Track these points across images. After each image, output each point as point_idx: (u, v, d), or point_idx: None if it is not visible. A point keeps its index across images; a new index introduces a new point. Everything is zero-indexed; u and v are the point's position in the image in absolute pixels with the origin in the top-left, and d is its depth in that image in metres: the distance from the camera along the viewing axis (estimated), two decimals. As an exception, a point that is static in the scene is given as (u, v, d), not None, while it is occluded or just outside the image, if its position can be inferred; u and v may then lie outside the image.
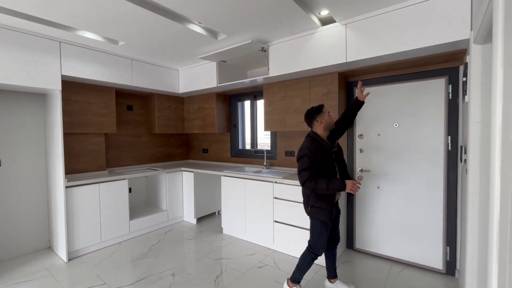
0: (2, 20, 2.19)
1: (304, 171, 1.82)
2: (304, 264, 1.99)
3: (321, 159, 1.85)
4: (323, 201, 1.88)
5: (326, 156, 1.88)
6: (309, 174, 1.81)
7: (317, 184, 1.78)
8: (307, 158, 1.83)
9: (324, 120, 1.93)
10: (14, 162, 2.78)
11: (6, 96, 2.72)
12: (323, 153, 1.87)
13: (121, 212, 3.13)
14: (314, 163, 1.83)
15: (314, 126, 1.98)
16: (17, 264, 2.61)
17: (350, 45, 2.27)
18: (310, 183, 1.79)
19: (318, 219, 1.91)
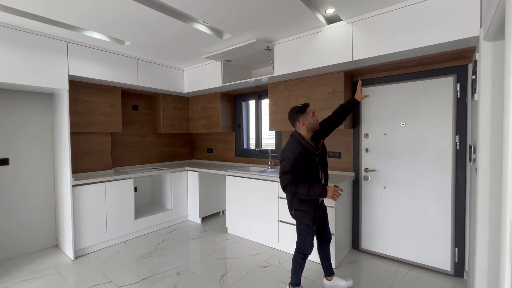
0: (11, 21, 2.22)
1: (285, 174, 1.78)
2: (297, 266, 1.98)
3: (303, 162, 1.79)
4: (306, 205, 1.85)
5: (308, 159, 1.81)
6: (290, 179, 1.76)
7: (298, 189, 1.74)
8: (289, 161, 1.78)
9: (307, 121, 1.85)
10: (22, 161, 2.82)
11: (14, 95, 2.76)
12: (306, 156, 1.80)
13: (127, 211, 3.15)
14: (296, 166, 1.78)
15: (296, 127, 1.90)
16: (25, 262, 2.65)
17: (356, 44, 2.25)
18: (291, 188, 1.75)
19: (303, 222, 1.89)
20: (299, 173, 1.79)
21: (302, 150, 1.80)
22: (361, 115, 2.79)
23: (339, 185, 2.46)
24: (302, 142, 1.83)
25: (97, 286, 2.22)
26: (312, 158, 1.83)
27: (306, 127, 1.86)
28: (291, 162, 1.77)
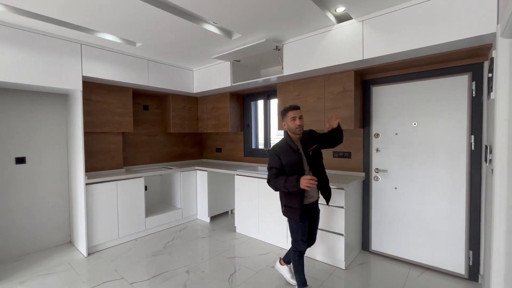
0: (27, 23, 2.29)
1: (270, 169, 1.93)
2: (296, 265, 2.01)
3: (284, 159, 1.89)
4: (292, 201, 1.91)
5: (290, 157, 1.90)
6: (272, 173, 1.90)
7: (277, 182, 1.85)
8: (273, 157, 1.92)
9: (286, 124, 1.96)
10: (39, 160, 2.91)
11: (31, 96, 2.85)
12: (288, 154, 1.90)
13: (138, 209, 3.21)
14: (279, 162, 1.90)
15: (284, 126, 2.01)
16: (40, 258, 2.73)
17: (367, 42, 2.22)
18: (272, 181, 1.89)
19: (292, 219, 1.96)
20: (282, 168, 1.90)
21: (285, 149, 1.93)
22: (371, 114, 2.76)
23: (349, 185, 2.43)
24: (288, 141, 1.96)
25: (109, 282, 2.27)
26: (294, 156, 1.91)
27: (286, 128, 1.98)
28: (275, 158, 1.92)
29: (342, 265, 2.46)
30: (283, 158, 1.90)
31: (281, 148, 1.93)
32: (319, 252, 2.59)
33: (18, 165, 2.78)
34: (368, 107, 2.76)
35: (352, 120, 2.57)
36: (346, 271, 2.41)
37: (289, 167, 1.88)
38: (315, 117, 2.84)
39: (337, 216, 2.44)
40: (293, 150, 1.92)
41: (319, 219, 2.17)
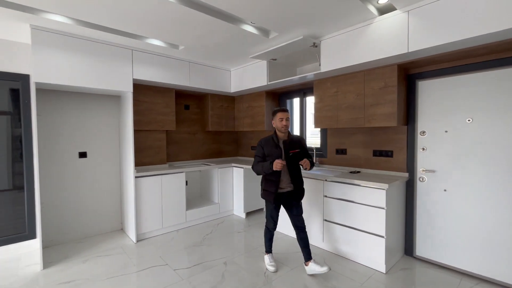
0: (86, 33, 2.59)
1: (254, 157, 2.36)
2: (265, 236, 2.49)
3: (267, 150, 2.30)
4: (268, 185, 2.30)
5: (272, 150, 2.29)
6: (256, 160, 2.33)
7: (257, 166, 2.28)
8: (257, 148, 2.36)
9: (274, 123, 2.33)
10: (97, 155, 3.28)
11: (90, 98, 3.22)
12: (270, 147, 2.30)
13: (179, 202, 3.43)
14: (262, 152, 2.31)
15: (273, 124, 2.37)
16: (98, 241, 3.08)
17: (413, 34, 2.08)
18: (255, 166, 2.33)
19: (267, 200, 2.35)
20: (264, 158, 2.31)
21: (270, 142, 2.32)
22: (417, 110, 2.58)
23: (391, 186, 2.32)
24: (273, 136, 2.34)
25: (156, 267, 2.47)
26: (275, 149, 2.29)
27: (275, 126, 2.34)
28: (259, 148, 2.34)
29: (382, 269, 2.35)
30: (266, 149, 2.30)
31: (266, 141, 2.33)
32: (357, 253, 2.51)
33: (81, 159, 3.17)
34: (413, 103, 2.59)
35: (394, 117, 2.44)
36: (387, 276, 2.30)
37: (270, 158, 2.27)
38: (354, 114, 2.75)
39: (377, 217, 2.34)
40: (275, 144, 2.30)
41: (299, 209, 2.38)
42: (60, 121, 3.03)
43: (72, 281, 2.25)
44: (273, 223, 2.40)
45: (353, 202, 2.52)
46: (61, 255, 2.73)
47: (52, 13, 2.22)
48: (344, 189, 2.58)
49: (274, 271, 2.37)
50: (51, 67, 2.46)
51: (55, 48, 2.48)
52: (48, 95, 2.94)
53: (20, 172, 2.79)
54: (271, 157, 2.25)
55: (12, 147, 2.77)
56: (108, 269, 2.43)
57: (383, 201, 2.30)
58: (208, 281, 2.22)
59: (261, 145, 2.32)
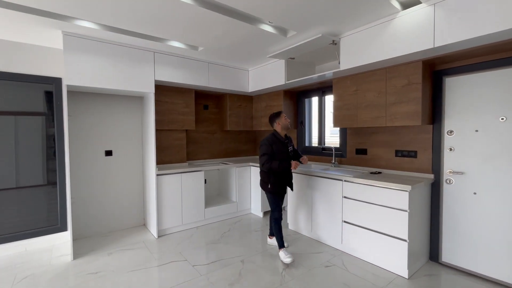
0: (112, 38, 2.73)
1: (263, 156, 2.54)
2: (276, 229, 2.64)
3: (276, 148, 2.55)
4: (280, 180, 2.62)
5: (279, 147, 2.58)
6: (266, 158, 2.52)
7: (272, 164, 2.49)
8: (265, 146, 2.54)
9: (281, 122, 2.65)
10: (121, 153, 3.44)
11: (114, 99, 3.39)
12: (278, 144, 2.58)
13: (198, 200, 3.51)
14: (270, 150, 2.53)
15: (274, 126, 2.69)
16: (121, 236, 3.23)
17: (440, 28, 1.98)
18: (267, 164, 2.51)
19: (274, 193, 2.64)
20: (273, 155, 2.54)
21: (276, 140, 2.60)
22: (443, 109, 2.45)
23: (414, 187, 2.23)
24: (277, 135, 2.64)
25: (175, 262, 2.55)
26: (282, 146, 2.60)
27: (280, 126, 2.66)
28: (268, 147, 2.54)
29: (404, 274, 2.26)
30: (275, 147, 2.55)
31: (273, 140, 2.59)
32: (378, 257, 2.43)
33: (107, 157, 3.34)
34: (440, 101, 2.46)
35: (419, 116, 2.33)
36: (410, 281, 2.21)
37: (279, 154, 2.56)
38: (375, 113, 2.66)
39: (400, 220, 2.25)
40: (281, 142, 2.62)
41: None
42: (88, 121, 3.21)
43: (99, 272, 2.38)
44: (280, 213, 2.67)
45: (373, 204, 2.44)
46: (89, 247, 2.90)
47: (82, 20, 2.36)
48: (365, 190, 2.51)
49: (292, 260, 2.49)
50: (80, 70, 2.61)
51: (84, 53, 2.63)
52: (78, 97, 3.13)
53: (53, 168, 3.00)
54: (280, 154, 2.56)
55: (46, 145, 2.98)
56: (131, 263, 2.54)
57: (406, 203, 2.21)
58: (225, 278, 2.26)
59: (270, 144, 2.55)
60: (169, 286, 2.15)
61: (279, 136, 2.64)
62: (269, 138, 2.60)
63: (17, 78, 2.76)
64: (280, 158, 2.55)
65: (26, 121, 2.87)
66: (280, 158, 2.55)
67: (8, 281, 2.24)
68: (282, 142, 2.61)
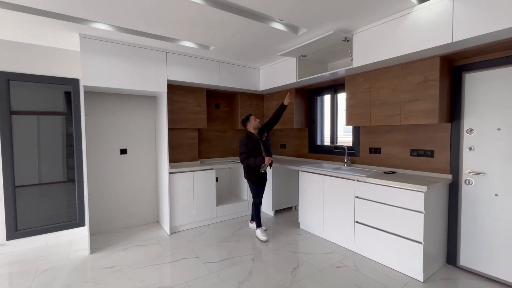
0: (126, 39, 2.79)
1: (242, 154, 3.02)
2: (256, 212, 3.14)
3: (251, 146, 3.03)
4: (251, 171, 3.09)
5: (254, 145, 3.05)
6: (244, 156, 3.01)
7: (249, 160, 2.99)
8: (243, 146, 3.02)
9: (251, 124, 3.11)
10: (135, 151, 3.54)
11: (128, 99, 3.48)
12: (252, 143, 3.05)
13: (210, 198, 3.55)
14: (247, 149, 3.01)
15: (247, 128, 3.15)
16: (135, 232, 3.32)
17: (459, 21, 1.89)
18: (245, 160, 3.00)
19: (252, 181, 3.12)
20: (249, 152, 3.02)
21: (251, 140, 3.06)
22: (463, 106, 2.34)
23: (430, 188, 2.15)
24: (251, 135, 3.10)
25: (187, 259, 2.60)
26: (256, 144, 3.07)
27: (252, 127, 3.11)
28: (244, 147, 3.02)
29: (419, 277, 2.19)
30: (250, 146, 3.02)
31: (248, 140, 3.04)
32: (391, 259, 2.37)
33: (122, 155, 3.44)
34: (459, 98, 2.36)
35: (436, 114, 2.24)
36: (425, 285, 2.14)
37: (254, 151, 3.03)
38: (388, 111, 2.59)
39: (415, 222, 2.18)
40: (255, 140, 3.08)
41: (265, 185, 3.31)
42: (104, 120, 3.31)
43: (114, 266, 2.46)
44: (259, 198, 3.13)
45: (387, 204, 2.38)
46: (105, 242, 3.01)
47: (97, 22, 2.43)
48: (378, 191, 2.45)
49: (267, 239, 2.99)
50: (97, 71, 2.70)
51: (100, 54, 2.72)
52: (95, 97, 3.23)
53: (72, 166, 3.12)
54: (254, 150, 3.03)
55: (66, 144, 3.10)
56: (145, 258, 2.61)
57: (421, 205, 2.14)
58: (235, 276, 2.28)
59: (246, 144, 3.02)
60: (180, 282, 2.19)
61: (253, 135, 3.09)
62: (245, 139, 3.05)
63: (38, 79, 2.89)
64: (255, 154, 3.03)
65: (48, 120, 3.00)
66: (255, 154, 3.03)
67: (30, 273, 2.36)
68: (255, 141, 3.07)
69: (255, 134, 3.11)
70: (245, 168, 3.14)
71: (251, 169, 3.09)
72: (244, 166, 3.14)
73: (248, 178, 3.13)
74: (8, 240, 2.80)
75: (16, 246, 2.83)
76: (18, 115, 2.84)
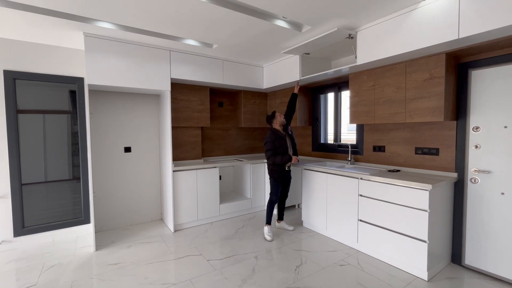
0: (130, 38, 2.80)
1: (268, 151, 2.99)
2: (268, 209, 3.11)
3: (278, 143, 2.98)
4: (277, 168, 3.03)
5: (280, 142, 3.00)
6: (270, 153, 2.97)
7: (276, 158, 2.95)
8: (270, 144, 2.97)
9: (277, 121, 3.07)
10: (139, 149, 3.56)
11: (132, 97, 3.50)
12: (279, 140, 2.99)
13: (213, 196, 3.57)
14: (274, 146, 2.96)
15: (273, 125, 3.09)
16: (140, 229, 3.35)
17: (465, 17, 1.86)
18: (271, 157, 2.97)
19: (274, 178, 3.06)
20: (276, 149, 2.97)
21: (277, 136, 3.01)
22: (469, 104, 2.31)
23: (435, 187, 2.13)
24: (277, 132, 3.04)
25: (191, 256, 2.62)
26: (283, 140, 3.02)
27: (278, 124, 3.07)
28: (272, 144, 2.97)
29: (424, 276, 2.18)
30: (277, 143, 2.97)
31: (275, 137, 2.99)
32: (395, 257, 2.36)
33: (126, 153, 3.47)
34: (465, 96, 2.33)
35: (441, 112, 2.22)
36: (429, 284, 2.13)
37: (280, 148, 2.99)
38: (393, 109, 2.57)
39: (419, 220, 2.17)
40: (282, 137, 3.02)
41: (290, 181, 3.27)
42: (109, 119, 3.34)
43: (119, 263, 2.49)
44: (277, 198, 3.12)
45: (391, 202, 2.37)
46: (109, 239, 3.04)
47: (102, 21, 2.44)
48: (382, 189, 2.43)
49: (271, 240, 2.97)
50: (101, 70, 2.72)
51: (104, 53, 2.73)
52: (99, 96, 3.26)
53: (77, 164, 3.16)
54: (281, 148, 2.98)
55: (71, 142, 3.14)
56: (149, 255, 2.64)
57: (426, 203, 2.12)
58: (239, 274, 2.29)
59: (273, 141, 2.97)
60: (184, 279, 2.21)
61: (279, 132, 3.04)
62: (271, 136, 2.99)
63: (43, 78, 2.92)
64: (281, 151, 2.98)
65: (53, 119, 3.03)
66: (281, 151, 2.98)
67: (37, 269, 2.40)
68: (282, 138, 3.02)
69: (280, 130, 3.06)
70: (270, 164, 3.09)
71: (276, 166, 3.03)
72: (268, 164, 3.11)
73: (271, 175, 3.07)
74: (15, 237, 2.84)
75: (23, 242, 2.88)
76: (24, 113, 2.87)
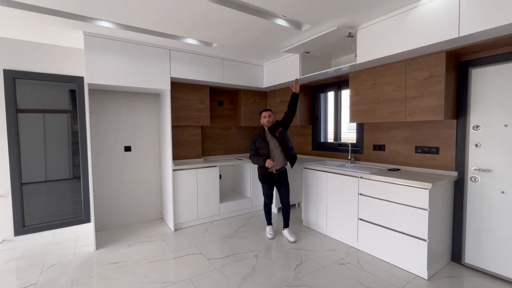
0: (130, 37, 2.80)
1: (250, 150, 3.02)
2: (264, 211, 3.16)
3: (258, 145, 2.95)
4: (260, 170, 3.01)
5: (261, 143, 2.94)
6: (251, 153, 3.00)
7: (253, 158, 2.97)
8: (251, 143, 3.02)
9: (261, 121, 3.02)
10: (139, 149, 3.56)
11: (132, 97, 3.49)
12: (259, 141, 2.95)
13: (213, 195, 3.57)
14: (254, 146, 2.98)
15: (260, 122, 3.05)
16: (140, 228, 3.36)
17: (465, 15, 1.85)
18: (251, 158, 2.99)
19: (260, 181, 3.07)
20: (256, 150, 2.97)
21: (258, 137, 2.98)
22: (469, 102, 2.31)
23: (435, 185, 2.13)
24: (261, 132, 3.01)
25: (191, 255, 2.62)
26: (263, 143, 2.93)
27: (262, 124, 3.02)
28: (252, 143, 3.01)
29: (423, 274, 2.18)
30: (257, 143, 2.96)
31: (256, 137, 2.99)
32: (395, 256, 2.36)
33: (126, 152, 3.47)
34: (465, 94, 2.32)
35: (441, 110, 2.21)
36: (429, 282, 2.13)
37: (261, 149, 2.93)
38: (393, 108, 2.56)
39: (419, 219, 2.17)
40: (263, 139, 2.95)
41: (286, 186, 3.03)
42: (109, 118, 3.34)
43: (119, 262, 2.50)
44: (267, 199, 3.10)
45: (391, 201, 2.36)
46: (110, 238, 3.04)
47: (101, 20, 2.44)
48: (382, 188, 2.43)
49: (272, 237, 3.00)
50: (101, 69, 2.71)
51: (104, 52, 2.73)
52: (99, 95, 3.25)
53: (78, 163, 3.16)
54: (261, 149, 2.92)
55: (71, 141, 3.14)
56: (149, 254, 2.64)
57: (426, 202, 2.12)
58: (239, 273, 2.29)
59: (253, 141, 2.99)
60: (184, 278, 2.21)
61: (262, 133, 3.00)
62: (254, 136, 3.03)
63: (43, 77, 2.92)
64: (262, 153, 2.93)
65: (53, 118, 3.04)
66: (262, 153, 2.93)
67: (38, 268, 2.41)
68: (263, 139, 2.96)
69: (266, 131, 2.99)
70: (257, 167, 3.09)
71: (259, 168, 3.01)
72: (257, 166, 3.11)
73: (258, 178, 3.08)
74: (15, 236, 2.85)
75: (23, 241, 2.88)
76: (24, 113, 2.88)
